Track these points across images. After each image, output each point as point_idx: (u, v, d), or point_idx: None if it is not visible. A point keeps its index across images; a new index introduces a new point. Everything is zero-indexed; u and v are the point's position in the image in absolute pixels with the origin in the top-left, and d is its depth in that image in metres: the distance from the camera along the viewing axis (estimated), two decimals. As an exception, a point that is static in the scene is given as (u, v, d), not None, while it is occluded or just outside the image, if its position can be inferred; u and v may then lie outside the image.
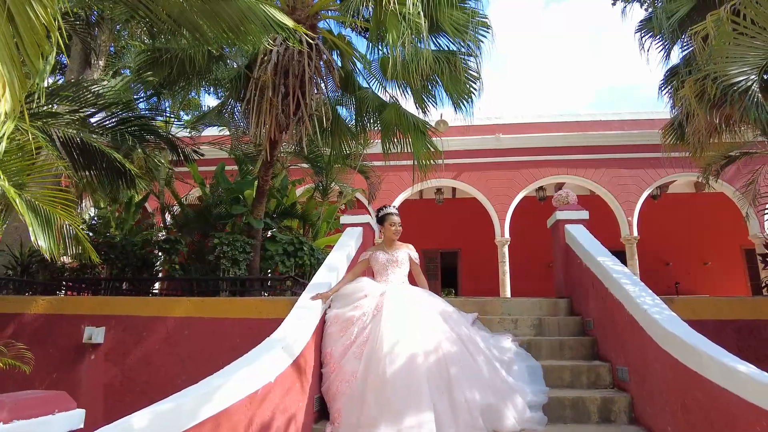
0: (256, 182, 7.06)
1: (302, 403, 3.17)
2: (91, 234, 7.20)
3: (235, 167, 8.81)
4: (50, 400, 2.29)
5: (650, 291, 3.50)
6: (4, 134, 2.34)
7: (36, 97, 4.20)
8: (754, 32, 3.42)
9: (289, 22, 4.24)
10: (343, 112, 8.31)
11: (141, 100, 6.76)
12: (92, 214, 9.00)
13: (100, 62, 8.28)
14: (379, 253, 4.02)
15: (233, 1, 4.39)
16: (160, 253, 7.11)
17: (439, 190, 14.84)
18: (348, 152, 8.48)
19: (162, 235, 8.13)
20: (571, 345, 4.15)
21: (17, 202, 3.83)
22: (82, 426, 2.38)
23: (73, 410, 2.35)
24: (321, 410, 3.59)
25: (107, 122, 5.36)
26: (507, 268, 13.13)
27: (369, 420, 3.02)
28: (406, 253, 4.02)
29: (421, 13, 4.66)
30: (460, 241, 16.21)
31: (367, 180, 10.32)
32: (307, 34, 4.45)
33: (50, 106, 4.82)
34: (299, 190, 10.24)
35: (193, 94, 9.42)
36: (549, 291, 6.96)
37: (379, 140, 7.68)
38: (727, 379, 2.38)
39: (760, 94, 4.07)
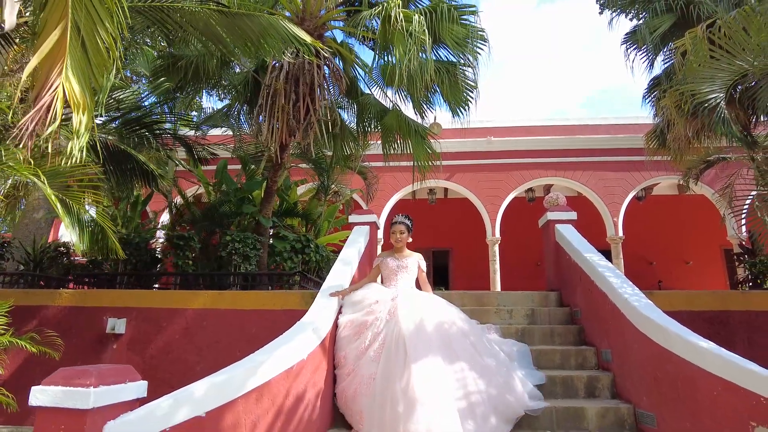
0: (264, 183, 7.43)
1: (326, 378, 3.58)
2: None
3: (235, 166, 9.16)
4: (122, 371, 2.67)
5: (630, 283, 3.98)
6: (83, 146, 2.71)
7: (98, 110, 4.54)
8: (720, 55, 3.90)
9: (308, 38, 4.64)
10: (343, 115, 8.73)
11: (158, 104, 7.09)
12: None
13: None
14: (389, 259, 4.25)
15: (255, 17, 4.80)
16: (159, 249, 7.42)
17: (431, 191, 15.27)
18: (348, 153, 8.89)
19: (161, 234, 8.40)
20: (560, 332, 4.63)
21: (58, 205, 4.18)
22: (145, 395, 2.77)
23: (139, 381, 2.75)
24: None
25: (132, 125, 5.70)
26: (497, 266, 13.58)
27: (394, 417, 3.18)
28: (416, 261, 4.26)
29: (426, 31, 5.09)
30: (451, 240, 16.65)
31: (365, 181, 10.75)
32: (322, 49, 4.85)
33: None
34: (299, 190, 10.62)
35: (198, 97, 9.76)
36: (538, 288, 7.44)
37: (376, 141, 8.11)
38: (690, 354, 2.86)
39: (726, 111, 4.57)
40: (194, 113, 11.70)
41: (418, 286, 4.38)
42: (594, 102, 50.60)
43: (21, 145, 2.41)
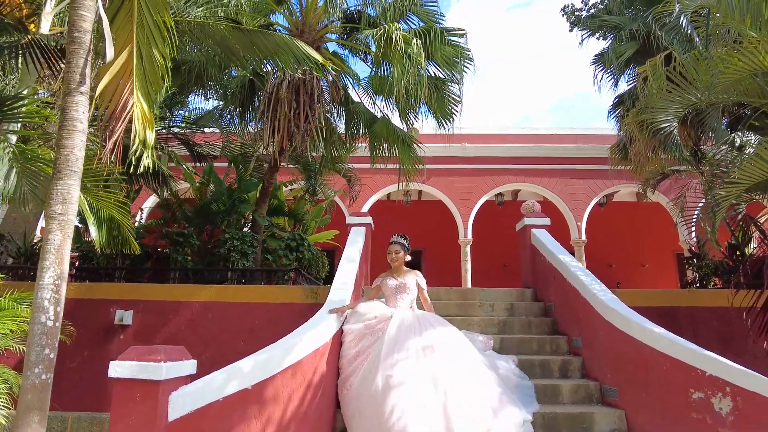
0: (261, 184, 7.86)
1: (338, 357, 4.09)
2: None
3: (220, 164, 9.51)
4: (179, 351, 3.08)
5: (598, 280, 4.67)
6: (150, 156, 3.14)
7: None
8: (673, 88, 4.63)
9: (319, 57, 5.14)
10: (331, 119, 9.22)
11: (165, 106, 7.40)
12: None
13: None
14: (389, 279, 4.32)
15: (270, 36, 5.27)
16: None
17: (407, 193, 15.85)
18: (334, 156, 9.40)
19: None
20: (536, 324, 5.29)
21: (85, 204, 4.53)
22: (195, 372, 3.20)
23: (192, 360, 3.18)
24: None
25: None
26: (469, 266, 14.27)
27: (364, 427, 3.49)
28: (414, 280, 4.31)
29: (422, 53, 5.66)
30: (424, 240, 17.24)
31: (348, 183, 11.24)
32: (330, 67, 5.34)
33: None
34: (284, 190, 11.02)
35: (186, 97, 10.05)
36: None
37: (361, 144, 8.67)
38: (646, 337, 3.54)
39: (678, 138, 5.37)
40: (181, 111, 11.95)
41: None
42: (567, 104, 52.42)
43: (104, 159, 2.81)
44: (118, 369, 2.81)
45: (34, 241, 8.62)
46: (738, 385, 2.99)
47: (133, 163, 3.09)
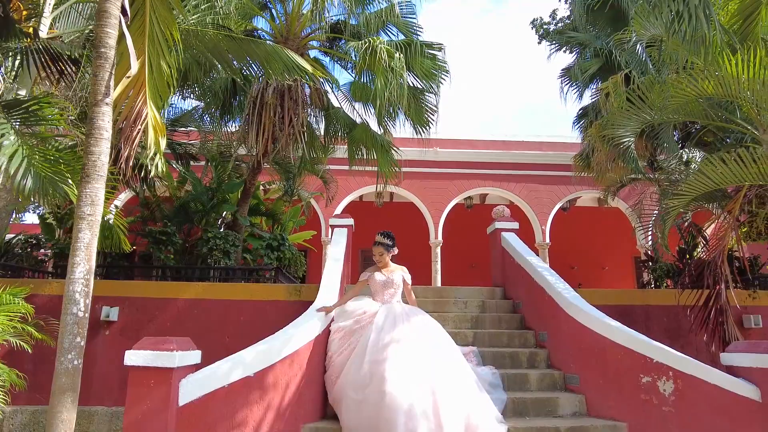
0: (243, 184, 8.07)
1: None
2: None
3: (196, 164, 9.67)
4: (187, 342, 3.36)
5: (563, 280, 5.15)
6: (162, 161, 3.38)
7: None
8: (630, 106, 5.17)
9: (308, 66, 5.43)
10: (313, 124, 9.49)
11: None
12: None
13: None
14: (377, 274, 4.43)
15: (261, 44, 5.53)
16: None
17: (379, 194, 16.17)
18: (313, 157, 9.68)
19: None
20: (506, 319, 5.74)
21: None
22: (200, 362, 3.46)
23: (197, 350, 3.44)
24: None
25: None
26: (439, 267, 14.75)
27: (348, 414, 3.66)
28: (401, 276, 4.47)
29: (404, 66, 6.03)
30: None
31: (325, 184, 11.53)
32: (318, 76, 5.64)
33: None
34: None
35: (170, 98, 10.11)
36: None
37: (339, 146, 9.02)
38: (604, 330, 4.02)
39: (635, 152, 5.96)
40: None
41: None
42: (534, 109, 53.71)
43: (120, 164, 3.05)
44: (133, 357, 3.08)
45: (7, 238, 8.56)
46: (679, 370, 3.49)
47: (149, 168, 3.32)
